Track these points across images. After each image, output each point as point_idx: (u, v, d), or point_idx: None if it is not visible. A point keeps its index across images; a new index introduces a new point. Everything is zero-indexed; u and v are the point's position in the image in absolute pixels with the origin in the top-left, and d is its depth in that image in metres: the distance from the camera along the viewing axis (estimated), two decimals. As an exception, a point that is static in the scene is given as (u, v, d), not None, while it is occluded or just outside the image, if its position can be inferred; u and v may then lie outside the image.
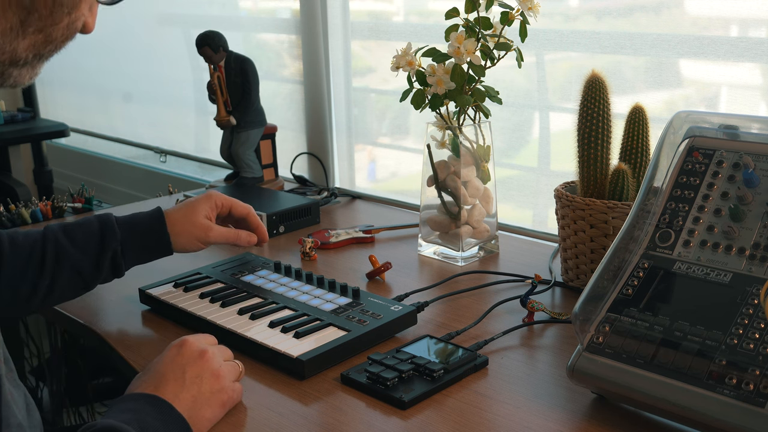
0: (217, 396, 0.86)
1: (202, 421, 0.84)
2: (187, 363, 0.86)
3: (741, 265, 0.83)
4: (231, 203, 1.18)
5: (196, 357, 0.86)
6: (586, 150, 1.16)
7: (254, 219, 1.20)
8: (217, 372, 0.87)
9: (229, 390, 0.88)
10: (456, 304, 1.16)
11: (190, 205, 1.15)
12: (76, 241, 1.07)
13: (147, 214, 1.13)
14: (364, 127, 1.90)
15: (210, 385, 0.85)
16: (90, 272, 1.07)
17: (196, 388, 0.84)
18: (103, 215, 1.10)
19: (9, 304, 1.04)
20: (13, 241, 1.05)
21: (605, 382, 0.83)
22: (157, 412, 0.80)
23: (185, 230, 1.13)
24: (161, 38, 2.55)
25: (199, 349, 0.87)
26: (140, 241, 1.11)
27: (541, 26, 1.43)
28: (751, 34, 1.24)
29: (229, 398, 0.88)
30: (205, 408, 0.84)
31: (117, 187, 2.66)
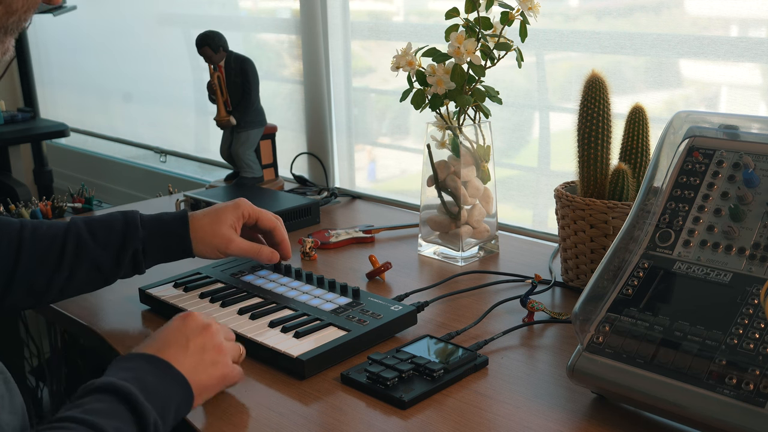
0: (218, 368, 0.87)
1: (199, 387, 0.84)
2: (191, 333, 0.86)
3: (741, 265, 0.83)
4: (258, 215, 1.16)
5: (200, 329, 0.87)
6: (586, 150, 1.16)
7: (280, 234, 1.18)
8: (219, 346, 0.88)
9: (230, 367, 0.89)
10: (456, 304, 1.16)
11: (216, 212, 1.14)
12: (98, 237, 1.07)
13: (172, 216, 1.12)
14: (364, 127, 1.90)
15: (212, 357, 0.86)
16: (110, 268, 1.08)
17: (198, 356, 0.85)
18: (129, 212, 1.10)
19: (26, 294, 1.04)
20: (35, 231, 1.05)
21: (605, 382, 0.83)
22: (157, 370, 0.81)
23: (207, 238, 1.12)
24: (161, 38, 2.55)
25: (204, 322, 0.88)
26: (162, 241, 1.11)
27: (541, 26, 1.43)
28: (751, 34, 1.24)
29: (229, 374, 0.89)
30: (203, 375, 0.85)
31: (117, 187, 2.66)
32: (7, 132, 2.61)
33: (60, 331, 1.81)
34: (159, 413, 0.77)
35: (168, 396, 0.79)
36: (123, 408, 0.74)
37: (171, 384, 0.81)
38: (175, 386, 0.81)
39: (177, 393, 0.81)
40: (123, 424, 0.73)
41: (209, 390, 0.86)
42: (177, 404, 0.81)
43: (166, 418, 0.78)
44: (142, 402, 0.75)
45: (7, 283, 1.02)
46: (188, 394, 0.83)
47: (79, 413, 0.72)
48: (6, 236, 1.03)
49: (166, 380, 0.81)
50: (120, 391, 0.75)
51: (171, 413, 0.79)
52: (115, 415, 0.73)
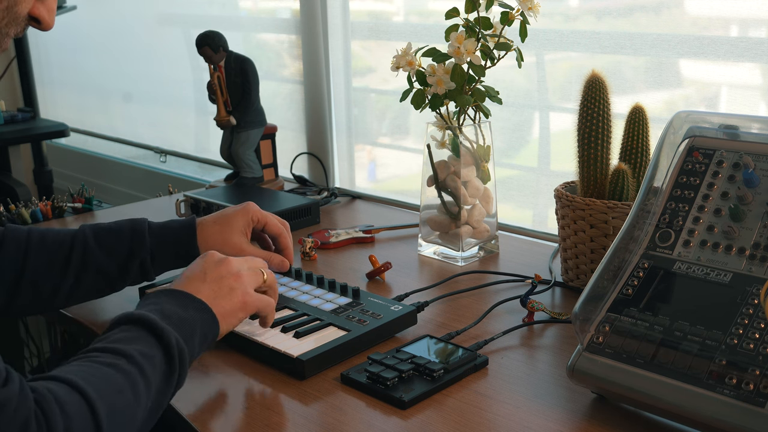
0: (237, 293, 0.92)
1: (222, 313, 0.90)
2: (209, 266, 0.93)
3: (741, 265, 0.83)
4: (266, 220, 1.16)
5: (218, 261, 0.94)
6: (586, 150, 1.16)
7: (284, 241, 1.18)
8: (237, 274, 0.93)
9: (251, 294, 0.94)
10: (456, 304, 1.16)
11: (226, 219, 1.13)
12: (105, 246, 1.07)
13: (180, 224, 1.12)
14: (364, 127, 1.90)
15: (229, 284, 0.92)
16: (116, 276, 1.08)
17: (216, 284, 0.91)
18: (138, 221, 1.10)
19: (32, 300, 1.04)
20: (43, 238, 1.06)
21: (605, 382, 0.83)
22: (177, 298, 0.87)
23: (217, 246, 1.11)
24: (161, 38, 2.55)
25: (222, 257, 0.95)
26: (170, 250, 1.10)
27: (541, 26, 1.43)
28: (751, 34, 1.24)
29: (249, 300, 0.93)
30: (223, 301, 0.91)
31: (117, 187, 2.66)
32: (7, 132, 2.61)
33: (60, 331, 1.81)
34: (183, 336, 0.82)
35: (190, 321, 0.85)
36: (144, 333, 0.80)
37: (192, 310, 0.87)
38: (196, 312, 0.87)
39: (199, 318, 0.87)
40: (145, 347, 0.79)
41: (232, 315, 0.92)
42: (202, 328, 0.87)
43: (192, 342, 0.84)
44: (162, 325, 0.81)
45: (14, 289, 1.03)
46: (211, 318, 0.88)
47: (104, 344, 0.78)
48: (14, 243, 1.04)
49: (187, 307, 0.87)
50: (140, 319, 0.81)
51: (197, 336, 0.85)
52: (138, 340, 0.79)
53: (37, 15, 0.77)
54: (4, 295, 1.03)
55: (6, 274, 1.02)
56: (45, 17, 0.78)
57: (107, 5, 2.73)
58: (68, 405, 0.69)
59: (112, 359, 0.75)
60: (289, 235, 1.19)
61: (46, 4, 0.78)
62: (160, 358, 0.79)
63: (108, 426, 0.70)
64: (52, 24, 0.80)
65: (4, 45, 0.76)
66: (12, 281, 1.02)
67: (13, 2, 0.73)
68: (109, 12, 2.72)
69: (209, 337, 0.88)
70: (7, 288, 1.02)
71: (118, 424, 0.72)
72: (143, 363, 0.77)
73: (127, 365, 0.75)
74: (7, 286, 1.02)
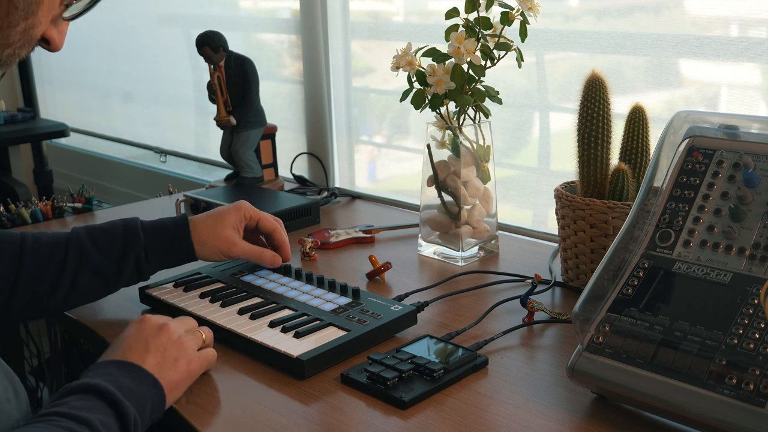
0: (182, 362, 0.90)
1: (169, 385, 0.87)
2: (149, 335, 0.89)
3: (741, 265, 0.83)
4: (259, 217, 1.17)
5: (156, 330, 0.90)
6: (586, 150, 1.16)
7: (279, 236, 1.19)
8: (178, 341, 0.91)
9: (194, 357, 0.92)
10: (456, 304, 1.16)
11: (218, 215, 1.15)
12: (99, 245, 1.07)
13: (173, 221, 1.13)
14: (364, 127, 1.90)
15: (173, 354, 0.89)
16: (112, 276, 1.08)
17: (160, 354, 0.88)
18: (130, 220, 1.11)
19: (29, 303, 1.04)
20: (37, 241, 1.06)
21: (605, 382, 0.83)
22: (128, 371, 0.84)
23: (209, 241, 1.12)
24: (161, 38, 2.55)
25: (159, 323, 0.92)
26: (164, 246, 1.11)
27: (541, 26, 1.43)
28: (751, 34, 1.24)
29: (194, 368, 0.91)
30: (171, 372, 0.88)
31: (117, 187, 2.66)
32: (7, 132, 2.61)
33: (60, 331, 1.81)
34: (138, 411, 0.80)
35: (143, 396, 0.83)
36: (104, 404, 0.78)
37: (143, 384, 0.84)
38: (147, 386, 0.84)
39: (150, 393, 0.84)
40: (107, 418, 0.77)
41: (179, 386, 0.90)
42: (152, 404, 0.84)
43: (143, 417, 0.82)
44: (122, 399, 0.78)
45: (10, 293, 1.03)
46: (160, 392, 0.86)
47: (64, 409, 0.76)
48: (8, 249, 1.04)
49: (139, 381, 0.84)
50: (99, 389, 0.79)
51: (147, 413, 0.83)
52: (99, 411, 0.77)
53: (48, 37, 0.77)
54: (1, 301, 1.03)
55: (2, 279, 1.02)
56: (56, 40, 0.78)
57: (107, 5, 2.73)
58: None
59: (75, 426, 0.74)
60: (283, 231, 1.20)
61: (59, 28, 0.78)
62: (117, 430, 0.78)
63: None
64: (62, 46, 0.80)
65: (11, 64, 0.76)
66: (8, 286, 1.03)
67: (30, 25, 0.73)
68: (109, 12, 2.72)
69: (157, 411, 0.85)
70: (4, 294, 1.02)
71: None
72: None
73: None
74: (4, 292, 1.02)
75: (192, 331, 0.96)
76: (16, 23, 0.71)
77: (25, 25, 0.72)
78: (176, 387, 0.89)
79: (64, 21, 0.78)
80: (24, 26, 0.72)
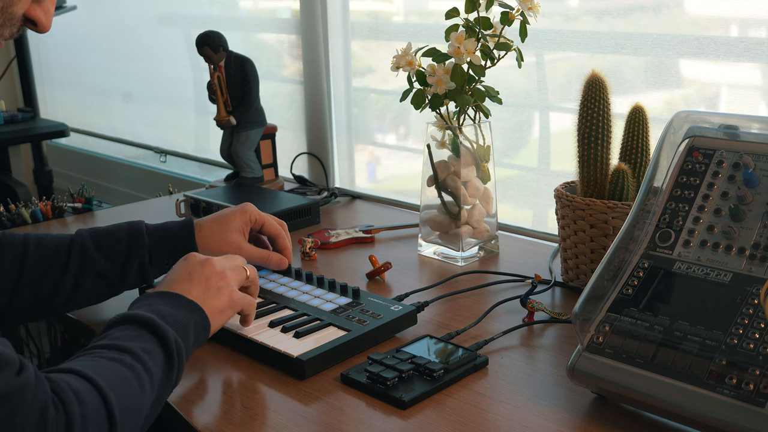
0: (224, 292, 0.95)
1: (212, 311, 0.92)
2: (193, 269, 0.95)
3: (741, 265, 0.83)
4: (264, 220, 1.17)
5: (201, 263, 0.96)
6: (586, 150, 1.16)
7: (282, 241, 1.18)
8: (221, 273, 0.96)
9: (237, 292, 0.97)
10: (456, 304, 1.16)
11: (223, 219, 1.14)
12: (103, 248, 1.07)
13: (178, 224, 1.13)
14: (364, 127, 1.90)
15: (216, 283, 0.94)
16: (115, 279, 1.08)
17: (203, 284, 0.93)
18: (135, 223, 1.11)
19: (31, 304, 1.04)
20: (40, 242, 1.06)
21: (605, 382, 0.83)
22: (168, 300, 0.89)
23: (215, 246, 1.12)
24: (161, 38, 2.55)
25: (203, 257, 0.97)
26: (168, 251, 1.11)
27: (541, 26, 1.43)
28: (751, 34, 1.24)
29: (236, 297, 0.96)
30: (213, 300, 0.93)
31: (117, 187, 2.66)
32: (7, 132, 2.61)
33: (60, 331, 1.81)
34: (179, 335, 0.84)
35: (184, 320, 0.87)
36: (144, 332, 0.82)
37: (185, 310, 0.89)
38: (188, 311, 0.89)
39: (192, 317, 0.89)
40: (147, 344, 0.80)
41: (222, 313, 0.94)
42: (195, 327, 0.89)
43: (186, 340, 0.86)
44: (162, 324, 0.83)
45: (12, 294, 1.03)
46: (203, 317, 0.91)
47: (106, 341, 0.80)
48: (11, 251, 1.04)
49: (180, 308, 0.89)
50: (139, 318, 0.83)
51: (191, 335, 0.87)
52: (140, 338, 0.81)
53: (33, 17, 0.77)
54: (3, 301, 1.03)
55: (4, 280, 1.02)
56: (41, 19, 0.78)
57: (107, 5, 2.73)
58: (82, 394, 0.71)
59: (117, 355, 0.78)
60: (287, 235, 1.19)
61: (43, 6, 0.78)
62: (160, 354, 0.81)
63: (119, 414, 0.73)
64: (49, 26, 0.79)
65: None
66: (11, 287, 1.03)
67: (8, 3, 0.73)
68: (109, 12, 2.72)
69: (201, 335, 0.90)
70: (7, 294, 1.03)
71: (126, 413, 0.75)
72: (146, 359, 0.79)
73: (131, 360, 0.78)
74: (6, 292, 1.02)
75: (236, 267, 0.99)
76: None
77: (3, 4, 0.73)
78: (220, 312, 0.93)
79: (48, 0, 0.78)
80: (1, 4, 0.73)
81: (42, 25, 0.79)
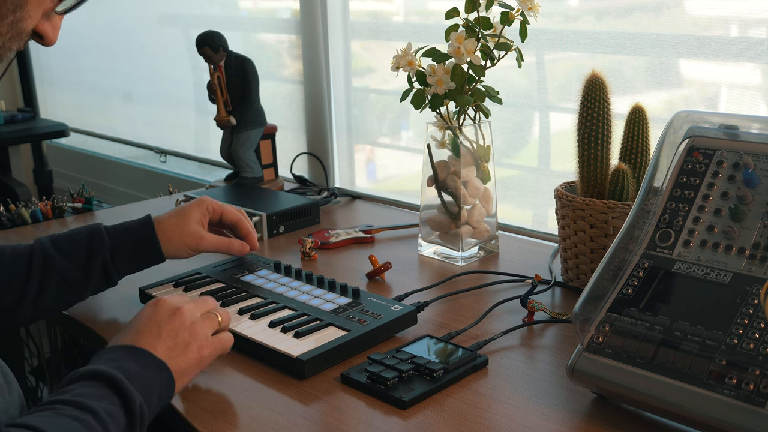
0: (193, 350, 0.88)
1: (178, 371, 0.86)
2: (162, 320, 0.88)
3: (741, 265, 0.83)
4: (222, 209, 1.19)
5: (170, 314, 0.89)
6: (586, 150, 1.16)
7: (244, 226, 1.21)
8: (191, 327, 0.89)
9: (206, 343, 0.90)
10: (456, 304, 1.16)
11: (181, 211, 1.16)
12: (64, 251, 1.07)
13: (137, 222, 1.13)
14: (364, 127, 1.90)
15: (184, 339, 0.88)
16: (79, 281, 1.08)
17: (172, 340, 0.87)
18: (93, 225, 1.11)
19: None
20: (0, 253, 1.06)
21: (605, 382, 0.83)
22: (137, 358, 0.83)
23: (176, 238, 1.13)
24: (161, 38, 2.55)
25: (174, 306, 0.90)
26: (130, 248, 1.11)
27: (541, 26, 1.43)
28: (751, 34, 1.24)
29: (205, 352, 0.89)
30: (180, 359, 0.87)
31: (117, 187, 2.66)
32: (7, 132, 2.61)
33: (60, 331, 1.81)
34: (144, 398, 0.79)
35: (150, 382, 0.82)
36: (110, 392, 0.77)
37: (152, 370, 0.83)
38: (155, 372, 0.83)
39: (158, 378, 0.83)
40: (111, 406, 0.76)
41: (188, 372, 0.88)
42: (159, 390, 0.83)
43: (150, 404, 0.81)
44: (128, 386, 0.77)
45: None
46: (169, 378, 0.85)
47: (69, 396, 0.75)
48: None
49: (147, 367, 0.83)
50: (105, 376, 0.78)
51: (155, 399, 0.82)
52: (104, 398, 0.76)
53: (41, 31, 0.77)
54: None
55: None
56: (49, 34, 0.78)
57: (107, 5, 2.73)
58: None
59: (79, 414, 0.73)
60: (247, 220, 1.21)
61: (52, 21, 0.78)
62: (122, 418, 0.77)
63: None
64: (55, 41, 0.79)
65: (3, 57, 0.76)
66: None
67: (19, 17, 0.73)
68: (109, 12, 2.72)
69: (165, 396, 0.85)
70: None
71: None
72: (108, 422, 0.74)
73: (93, 422, 0.73)
74: None
75: (208, 314, 0.94)
76: (4, 15, 0.71)
77: (14, 18, 0.72)
78: (186, 373, 0.88)
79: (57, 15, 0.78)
80: (12, 18, 0.72)
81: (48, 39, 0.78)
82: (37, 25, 0.76)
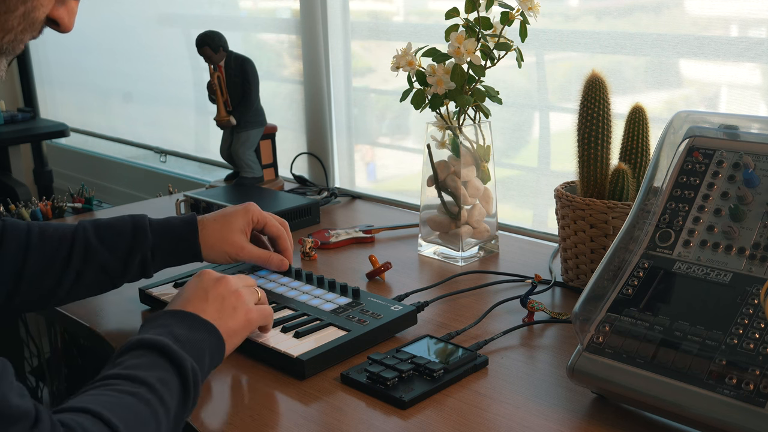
0: (240, 312, 0.92)
1: (227, 332, 0.90)
2: (208, 286, 0.92)
3: (741, 265, 0.83)
4: (266, 221, 1.16)
5: (215, 281, 0.93)
6: (586, 150, 1.16)
7: (283, 243, 1.18)
8: (237, 292, 0.93)
9: (253, 309, 0.94)
10: (456, 304, 1.16)
11: (227, 217, 1.14)
12: (106, 241, 1.07)
13: (181, 220, 1.12)
14: (364, 127, 1.90)
15: (231, 303, 0.92)
16: (117, 272, 1.08)
17: (219, 304, 0.91)
18: (138, 217, 1.10)
19: (33, 296, 1.04)
20: (43, 233, 1.05)
21: (605, 382, 0.83)
22: (184, 322, 0.86)
23: (217, 244, 1.12)
24: (161, 38, 2.55)
25: (218, 275, 0.94)
26: (171, 246, 1.10)
27: (541, 26, 1.43)
28: (751, 34, 1.24)
29: (252, 317, 0.94)
30: (229, 320, 0.91)
31: (117, 187, 2.66)
32: (7, 132, 2.61)
33: (60, 331, 1.81)
34: (194, 359, 0.81)
35: (200, 344, 0.84)
36: (160, 359, 0.79)
37: (200, 332, 0.86)
38: (204, 334, 0.86)
39: (207, 340, 0.86)
40: (164, 374, 0.78)
41: (237, 334, 0.92)
42: (210, 350, 0.86)
43: (202, 365, 0.83)
44: (178, 351, 0.80)
45: (15, 285, 1.03)
46: (218, 339, 0.88)
47: (120, 370, 0.76)
48: (15, 239, 1.03)
49: (195, 330, 0.86)
50: (155, 344, 0.80)
51: (206, 360, 0.85)
52: (156, 367, 0.78)
53: (56, 17, 0.74)
54: (5, 291, 1.02)
55: (6, 269, 1.02)
56: (65, 20, 0.75)
57: (107, 5, 2.73)
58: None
59: (132, 388, 0.74)
60: (288, 236, 1.19)
61: (68, 6, 0.75)
62: (176, 383, 0.78)
63: None
64: (72, 26, 0.76)
65: (17, 50, 0.75)
66: (13, 277, 1.02)
67: (30, 8, 0.71)
68: (109, 12, 2.72)
69: (216, 358, 0.87)
70: (8, 284, 1.02)
71: None
72: (162, 391, 0.76)
73: (147, 394, 0.74)
74: (8, 282, 1.02)
75: (249, 286, 0.97)
76: (14, 8, 0.70)
77: (25, 9, 0.71)
78: (235, 334, 0.91)
79: None
80: (23, 10, 0.71)
81: (65, 25, 0.76)
82: (51, 11, 0.74)
